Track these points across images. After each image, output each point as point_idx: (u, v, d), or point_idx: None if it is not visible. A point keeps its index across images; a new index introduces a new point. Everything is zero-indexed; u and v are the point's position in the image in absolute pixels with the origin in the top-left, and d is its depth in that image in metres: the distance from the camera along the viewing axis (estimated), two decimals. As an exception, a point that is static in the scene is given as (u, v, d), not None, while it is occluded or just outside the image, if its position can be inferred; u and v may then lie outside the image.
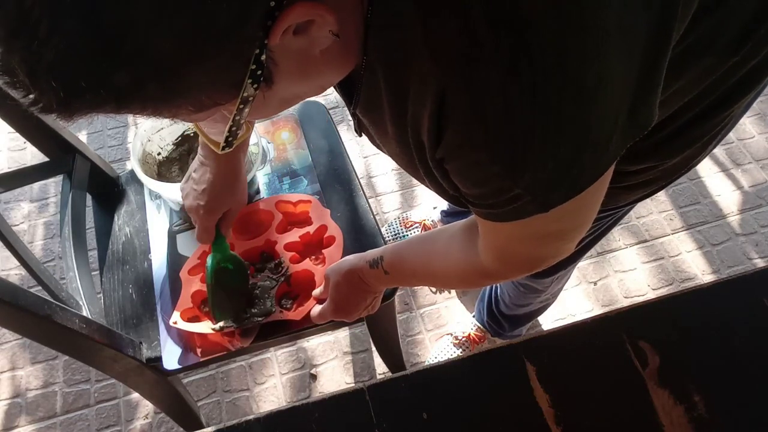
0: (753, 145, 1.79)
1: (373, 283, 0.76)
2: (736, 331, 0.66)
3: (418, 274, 0.71)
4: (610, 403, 0.62)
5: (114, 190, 1.09)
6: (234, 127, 0.44)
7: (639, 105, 0.42)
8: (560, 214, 0.46)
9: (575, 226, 0.53)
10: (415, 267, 0.70)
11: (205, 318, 0.88)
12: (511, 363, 0.65)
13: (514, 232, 0.51)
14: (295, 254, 0.93)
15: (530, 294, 1.12)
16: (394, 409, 0.62)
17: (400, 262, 0.71)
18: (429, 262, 0.69)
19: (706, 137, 0.64)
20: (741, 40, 0.52)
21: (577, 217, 0.51)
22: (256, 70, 0.37)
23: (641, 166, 0.66)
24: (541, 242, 0.54)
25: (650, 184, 0.71)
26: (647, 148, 0.63)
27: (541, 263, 0.58)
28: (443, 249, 0.67)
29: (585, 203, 0.48)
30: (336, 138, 1.11)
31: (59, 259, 1.63)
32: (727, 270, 1.55)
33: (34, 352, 1.48)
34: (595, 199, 0.49)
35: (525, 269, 0.60)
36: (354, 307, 0.80)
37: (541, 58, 0.37)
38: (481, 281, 0.66)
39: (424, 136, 0.45)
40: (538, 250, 0.56)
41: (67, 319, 0.72)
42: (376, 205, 1.70)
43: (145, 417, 1.38)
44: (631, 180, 0.69)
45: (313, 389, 1.40)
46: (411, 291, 1.53)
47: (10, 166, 1.84)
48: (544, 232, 0.51)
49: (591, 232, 0.84)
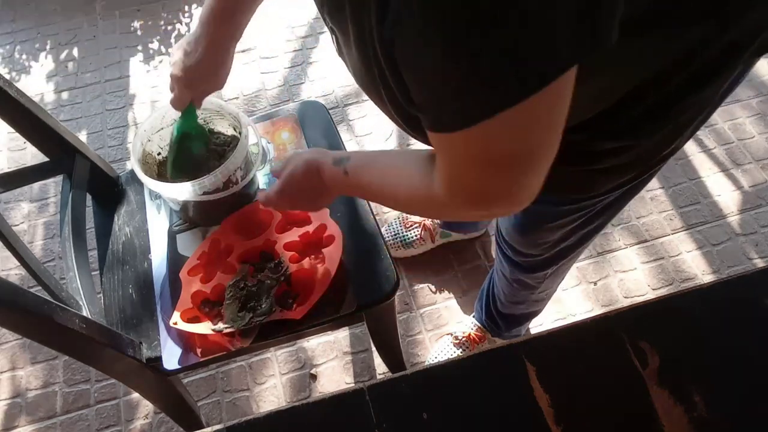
0: (753, 145, 1.79)
1: (330, 181, 0.73)
2: (736, 331, 0.66)
3: (373, 185, 0.68)
4: (610, 403, 0.62)
5: (114, 190, 1.09)
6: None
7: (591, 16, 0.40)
8: (508, 129, 0.44)
9: (526, 150, 0.48)
10: (372, 176, 0.68)
11: (206, 319, 0.88)
12: (511, 363, 0.65)
13: (461, 147, 0.48)
14: (295, 254, 0.93)
15: (523, 290, 1.12)
16: (394, 409, 0.62)
17: (362, 167, 0.70)
18: (385, 175, 0.67)
19: (679, 120, 0.64)
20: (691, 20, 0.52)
21: (527, 137, 0.47)
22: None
23: (615, 145, 0.65)
24: (487, 169, 0.50)
25: (626, 169, 0.71)
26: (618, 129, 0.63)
27: (488, 198, 0.54)
28: (402, 164, 0.65)
29: (536, 116, 0.44)
30: (336, 138, 1.11)
31: (59, 259, 1.63)
32: (727, 270, 1.55)
33: (34, 352, 1.48)
34: (547, 119, 0.45)
35: (472, 202, 0.56)
36: (301, 198, 0.78)
37: None
38: (429, 207, 0.63)
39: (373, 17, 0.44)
40: (486, 179, 0.51)
41: (67, 319, 0.72)
42: (376, 205, 1.70)
43: (145, 417, 1.38)
44: (605, 162, 0.68)
45: (313, 389, 1.40)
46: (411, 291, 1.54)
47: (10, 166, 1.84)
48: (493, 152, 0.48)
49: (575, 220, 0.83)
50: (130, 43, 2.15)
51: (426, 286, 1.55)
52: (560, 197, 0.78)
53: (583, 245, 0.94)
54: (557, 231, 0.87)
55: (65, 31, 2.20)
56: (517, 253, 0.99)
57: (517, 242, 0.96)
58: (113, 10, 2.25)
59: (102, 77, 2.06)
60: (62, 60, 2.11)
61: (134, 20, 2.22)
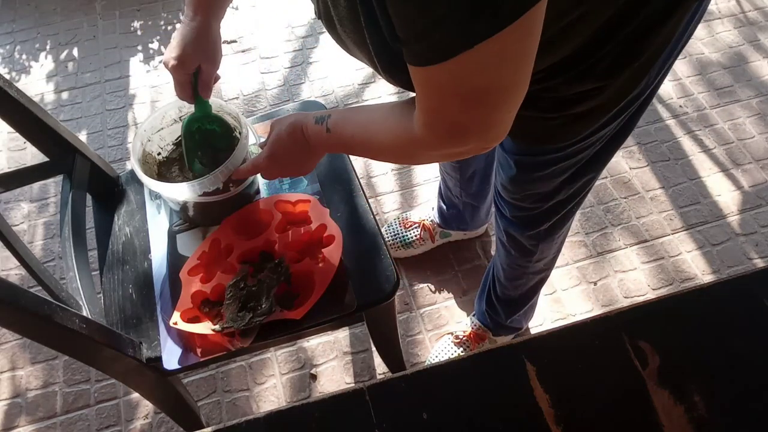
0: (753, 145, 1.79)
1: (314, 140, 0.77)
2: (736, 331, 0.66)
3: (356, 138, 0.72)
4: (610, 403, 0.62)
5: (114, 190, 1.09)
6: None
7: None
8: (482, 61, 0.47)
9: (500, 86, 0.52)
10: (355, 130, 0.72)
11: (206, 319, 0.88)
12: (511, 363, 0.65)
13: (441, 80, 0.52)
14: (295, 253, 0.93)
15: (520, 259, 1.13)
16: (394, 409, 0.62)
17: (343, 123, 0.73)
18: (368, 127, 0.70)
19: (642, 57, 0.67)
20: None
21: (500, 71, 0.50)
22: None
23: (585, 88, 0.69)
24: (466, 102, 0.54)
25: (599, 112, 0.74)
26: (585, 71, 0.66)
27: (467, 131, 0.57)
28: (383, 114, 0.68)
29: (510, 51, 0.48)
30: (336, 138, 1.11)
31: (59, 259, 1.63)
32: (727, 270, 1.55)
33: (34, 352, 1.48)
34: (520, 53, 0.49)
35: (452, 136, 0.59)
36: (289, 162, 0.81)
37: None
38: (412, 149, 0.66)
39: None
40: (464, 112, 0.55)
41: (67, 319, 0.72)
42: (376, 205, 1.70)
43: (145, 417, 1.38)
44: (577, 107, 0.72)
45: (313, 389, 1.40)
46: (411, 291, 1.54)
47: (10, 166, 1.84)
48: (469, 85, 0.51)
49: (560, 168, 0.85)
50: (130, 43, 2.15)
51: (426, 286, 1.55)
52: (543, 146, 0.82)
53: (574, 201, 0.96)
54: (548, 182, 0.89)
55: (65, 31, 2.20)
56: (512, 208, 1.01)
57: (511, 195, 0.97)
58: (113, 10, 2.25)
59: (102, 77, 2.06)
60: (62, 60, 2.11)
61: (134, 20, 2.22)
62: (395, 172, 1.77)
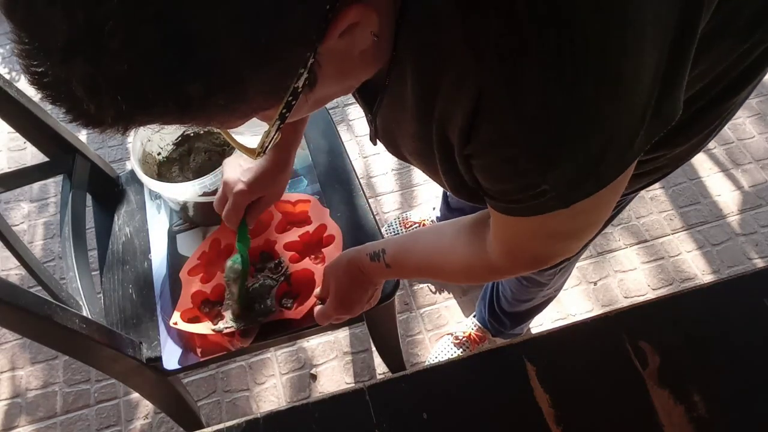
0: (753, 145, 1.79)
1: (374, 275, 0.76)
2: (736, 331, 0.66)
3: (422, 268, 0.71)
4: (610, 403, 0.62)
5: (114, 190, 1.09)
6: (274, 132, 0.44)
7: (664, 99, 0.42)
8: (578, 211, 0.46)
9: (589, 223, 0.53)
10: (420, 261, 0.70)
11: (205, 319, 0.88)
12: (511, 363, 0.65)
13: (530, 227, 0.51)
14: (295, 254, 0.93)
15: (533, 288, 1.12)
16: (394, 409, 0.62)
17: (403, 255, 0.71)
18: (433, 256, 0.68)
19: (714, 124, 0.65)
20: (753, 25, 0.52)
21: (592, 215, 0.51)
22: (304, 73, 0.38)
23: (652, 156, 0.66)
24: (553, 239, 0.54)
25: (657, 171, 0.72)
26: (661, 139, 0.63)
27: (548, 260, 0.58)
28: (449, 243, 0.67)
29: (603, 201, 0.49)
30: (336, 138, 1.11)
31: (59, 259, 1.63)
32: (727, 270, 1.55)
33: (34, 352, 1.48)
34: (613, 197, 0.50)
35: (532, 266, 0.60)
36: (357, 301, 0.80)
37: (584, 53, 0.37)
38: (487, 276, 0.66)
39: (453, 134, 0.45)
40: (548, 247, 0.56)
41: (67, 319, 0.72)
42: (376, 205, 1.70)
43: (145, 417, 1.38)
44: (639, 169, 0.69)
45: (313, 389, 1.40)
46: (411, 291, 1.54)
47: (10, 166, 1.84)
48: (559, 229, 0.52)
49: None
50: (130, 43, 2.15)
51: (426, 286, 1.55)
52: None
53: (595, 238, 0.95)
54: None
55: (65, 31, 2.20)
56: None
57: None
58: (113, 10, 2.25)
59: (102, 77, 2.06)
60: (62, 60, 2.11)
61: (134, 20, 2.21)
62: (395, 172, 1.77)
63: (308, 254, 0.94)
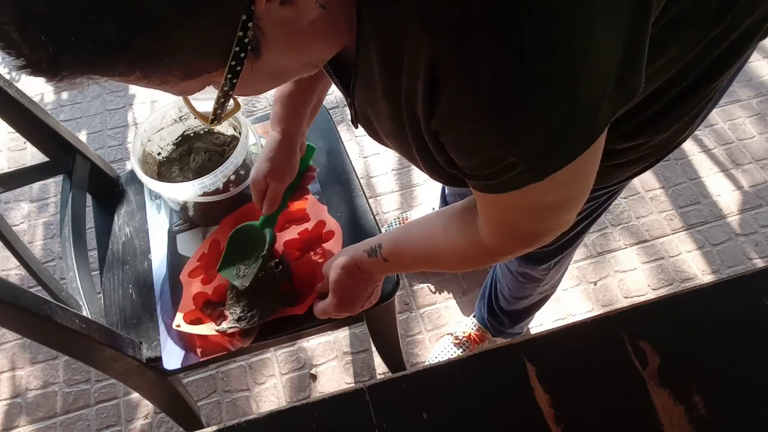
0: (753, 145, 1.79)
1: (373, 271, 0.76)
2: (736, 331, 0.66)
3: (419, 259, 0.71)
4: (610, 403, 0.62)
5: (114, 190, 1.09)
6: (222, 98, 0.45)
7: (626, 72, 0.43)
8: (555, 184, 0.46)
9: (571, 196, 0.53)
10: (416, 251, 0.70)
11: (208, 320, 0.88)
12: (511, 363, 0.65)
13: (512, 203, 0.51)
14: (296, 251, 0.93)
15: (529, 284, 1.12)
16: (394, 409, 0.62)
17: (400, 248, 0.72)
18: (429, 246, 0.69)
19: (693, 111, 0.65)
20: (722, 12, 0.53)
21: (572, 188, 0.51)
22: (243, 37, 0.38)
23: (632, 143, 0.67)
24: (539, 215, 0.54)
25: (641, 160, 0.72)
26: (637, 126, 0.64)
27: (541, 237, 0.58)
28: (442, 231, 0.67)
29: (579, 173, 0.49)
30: (336, 138, 1.11)
31: (59, 259, 1.63)
32: (727, 270, 1.55)
33: (34, 352, 1.48)
34: (588, 169, 0.50)
35: (525, 244, 0.60)
36: (357, 299, 0.80)
37: (528, 22, 0.37)
38: (483, 259, 0.66)
39: (419, 109, 0.46)
40: (537, 222, 0.56)
41: (67, 319, 0.72)
42: (376, 205, 1.70)
43: (145, 417, 1.38)
44: (622, 158, 0.70)
45: (313, 389, 1.40)
46: (411, 291, 1.54)
47: (10, 166, 1.84)
48: (542, 203, 0.52)
49: (586, 209, 0.84)
50: (130, 43, 2.15)
51: (426, 286, 1.55)
52: None
53: (587, 232, 0.96)
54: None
55: (65, 31, 2.20)
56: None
57: None
58: (113, 10, 2.25)
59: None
60: (62, 60, 2.11)
61: (134, 20, 2.22)
62: (395, 172, 1.77)
63: (309, 251, 0.94)
